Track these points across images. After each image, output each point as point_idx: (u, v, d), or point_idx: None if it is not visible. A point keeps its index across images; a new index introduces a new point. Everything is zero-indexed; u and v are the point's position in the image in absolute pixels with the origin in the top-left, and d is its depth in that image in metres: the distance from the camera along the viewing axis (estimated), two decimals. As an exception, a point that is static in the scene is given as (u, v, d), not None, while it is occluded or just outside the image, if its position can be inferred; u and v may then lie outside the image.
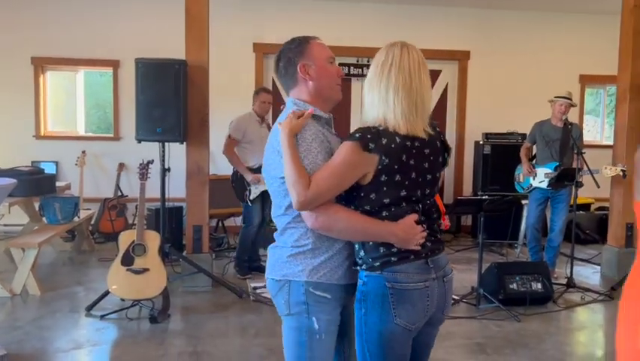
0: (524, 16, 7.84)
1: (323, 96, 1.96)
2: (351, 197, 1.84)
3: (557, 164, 5.40)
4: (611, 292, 4.99)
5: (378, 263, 1.81)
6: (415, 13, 7.64)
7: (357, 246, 1.87)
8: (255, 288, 5.09)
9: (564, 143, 5.41)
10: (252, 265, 5.63)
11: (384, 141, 1.75)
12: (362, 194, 1.81)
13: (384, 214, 1.81)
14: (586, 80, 8.05)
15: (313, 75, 1.93)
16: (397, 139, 1.77)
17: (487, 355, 3.82)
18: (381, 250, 1.81)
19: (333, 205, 1.81)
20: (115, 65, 7.31)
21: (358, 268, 1.87)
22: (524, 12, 7.81)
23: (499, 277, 4.71)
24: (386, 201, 1.80)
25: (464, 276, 5.48)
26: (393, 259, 1.80)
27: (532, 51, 7.87)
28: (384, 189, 1.78)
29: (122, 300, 4.37)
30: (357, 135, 1.76)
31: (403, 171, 1.78)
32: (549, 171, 5.43)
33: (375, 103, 1.82)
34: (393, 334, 1.80)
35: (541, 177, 5.53)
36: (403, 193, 1.81)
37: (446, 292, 1.89)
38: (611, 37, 5.88)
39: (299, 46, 1.98)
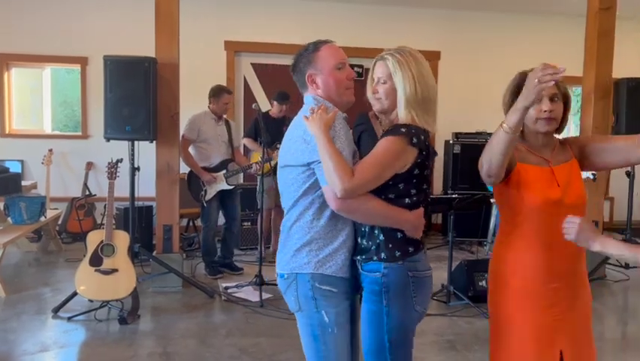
0: (493, 17, 7.95)
1: (332, 102, 2.04)
2: (382, 184, 1.95)
3: None
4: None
5: (399, 253, 1.93)
6: (386, 14, 7.69)
7: (377, 235, 1.94)
8: (226, 288, 5.06)
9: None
10: (225, 262, 5.61)
11: (422, 138, 1.93)
12: (391, 182, 1.92)
13: (406, 201, 1.95)
14: (553, 81, 8.19)
15: (320, 84, 2.04)
16: (424, 137, 1.95)
17: (457, 351, 3.87)
18: (399, 236, 1.94)
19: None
20: (83, 62, 7.18)
21: (374, 259, 1.93)
22: (493, 13, 7.93)
23: (469, 274, 4.78)
24: (412, 191, 1.96)
25: (434, 273, 5.47)
26: (410, 249, 1.95)
27: (501, 52, 7.98)
28: (414, 181, 1.95)
29: (91, 301, 4.30)
30: (402, 130, 1.91)
31: (428, 167, 1.99)
32: None
33: (410, 104, 1.96)
34: (413, 320, 1.98)
35: None
36: (424, 186, 1.99)
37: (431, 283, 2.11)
38: (577, 39, 6.01)
39: (309, 54, 2.07)
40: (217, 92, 5.51)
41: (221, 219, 5.77)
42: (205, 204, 5.40)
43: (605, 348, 4.02)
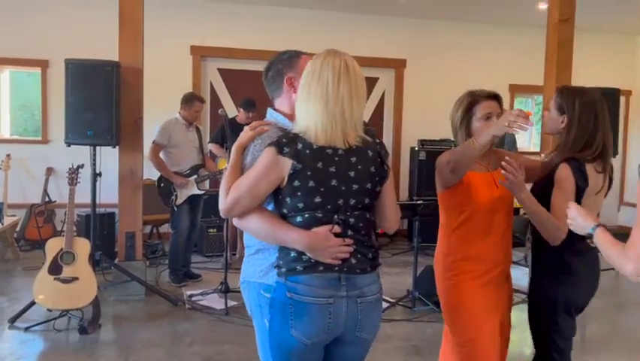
0: (457, 27, 8.09)
1: None
2: (275, 199, 1.87)
3: None
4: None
5: (284, 269, 1.82)
6: (353, 21, 7.74)
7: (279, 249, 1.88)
8: (190, 296, 4.99)
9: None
10: (183, 270, 5.53)
11: (299, 146, 1.77)
12: (280, 197, 1.83)
13: (298, 220, 1.80)
14: (515, 90, 8.40)
15: (297, 88, 1.93)
16: (314, 146, 1.78)
17: (422, 356, 3.90)
18: (292, 254, 1.81)
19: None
20: (43, 65, 7.01)
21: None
22: (457, 23, 8.07)
23: (434, 279, 4.80)
24: (300, 205, 1.79)
25: (400, 279, 5.58)
26: (298, 267, 1.79)
27: (465, 60, 8.13)
28: (298, 194, 1.78)
29: (49, 310, 4.18)
30: (274, 140, 1.81)
31: (318, 178, 1.77)
32: None
33: (300, 113, 1.83)
34: (291, 345, 1.80)
35: None
36: (318, 200, 1.78)
37: (359, 313, 1.82)
38: (539, 49, 6.16)
39: (289, 59, 2.03)
40: (189, 100, 5.49)
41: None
42: (175, 209, 5.34)
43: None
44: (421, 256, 5.89)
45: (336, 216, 1.80)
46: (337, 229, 1.79)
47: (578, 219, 1.87)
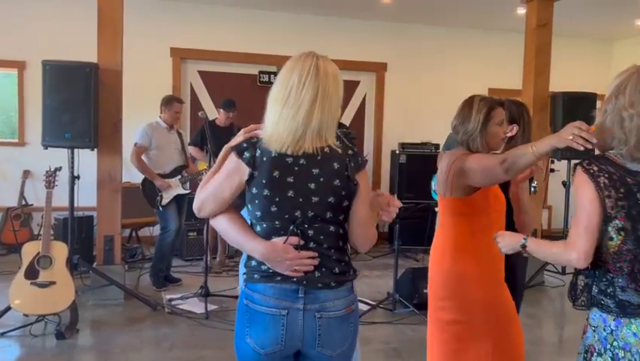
0: (438, 31, 8.15)
1: None
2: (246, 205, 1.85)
3: None
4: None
5: (246, 277, 1.80)
6: (333, 25, 7.76)
7: None
8: (170, 300, 4.94)
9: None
10: (164, 274, 5.48)
11: (257, 153, 1.72)
12: (245, 203, 1.81)
13: (257, 229, 1.78)
14: (494, 94, 8.32)
15: None
16: (273, 154, 1.71)
17: (402, 359, 3.91)
18: (253, 263, 1.78)
19: (225, 210, 1.82)
20: (20, 66, 6.89)
21: None
22: (438, 27, 8.13)
23: (414, 282, 4.85)
24: (258, 214, 1.76)
25: (380, 282, 5.59)
26: (256, 276, 1.76)
27: (445, 64, 8.20)
28: (256, 201, 1.75)
29: (26, 316, 4.10)
30: (237, 143, 1.77)
31: (273, 187, 1.71)
32: None
33: (266, 118, 1.77)
34: (246, 353, 1.77)
35: None
36: (274, 209, 1.73)
37: (319, 328, 1.74)
38: (517, 53, 6.24)
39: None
40: (168, 101, 5.47)
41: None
42: (162, 209, 5.29)
43: (544, 352, 4.16)
44: (402, 258, 5.92)
45: (291, 227, 1.72)
46: (295, 240, 1.72)
47: (504, 242, 1.99)
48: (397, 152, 7.48)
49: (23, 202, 6.74)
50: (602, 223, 1.68)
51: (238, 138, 1.85)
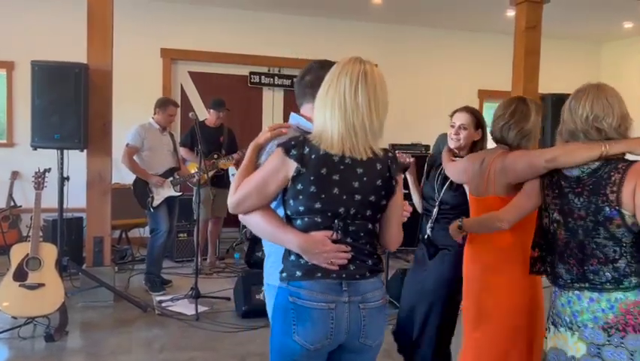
0: (428, 33, 8.19)
1: None
2: (282, 201, 1.87)
3: None
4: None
5: (285, 274, 1.82)
6: (325, 26, 7.77)
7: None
8: (160, 301, 4.92)
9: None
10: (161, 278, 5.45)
11: (306, 150, 1.76)
12: (285, 198, 1.83)
13: (297, 222, 1.81)
14: (484, 95, 8.53)
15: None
16: (321, 152, 1.76)
17: (393, 359, 3.91)
18: (292, 258, 1.82)
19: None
20: (9, 66, 6.85)
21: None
22: (428, 29, 8.17)
23: (404, 282, 4.85)
24: (301, 209, 1.80)
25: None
26: (298, 273, 1.79)
27: (436, 66, 8.24)
28: (300, 197, 1.78)
29: (14, 318, 4.07)
30: (283, 141, 1.81)
31: (320, 184, 1.77)
32: None
33: (316, 119, 1.83)
34: (293, 350, 1.78)
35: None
36: (318, 206, 1.78)
37: (362, 319, 1.81)
38: (507, 55, 6.28)
39: (330, 69, 1.93)
40: (163, 104, 5.44)
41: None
42: (153, 210, 5.25)
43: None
44: (392, 259, 5.93)
45: (336, 222, 1.79)
46: (335, 235, 1.78)
47: (451, 230, 2.54)
48: (388, 153, 7.50)
49: (12, 203, 6.68)
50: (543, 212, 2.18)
51: (264, 135, 1.93)
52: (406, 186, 2.43)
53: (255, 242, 5.90)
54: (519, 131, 2.48)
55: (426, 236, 2.98)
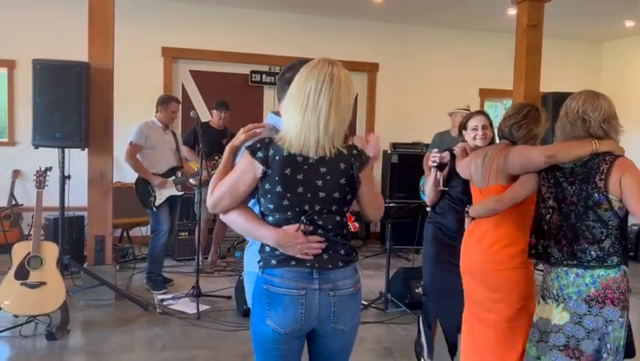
0: (429, 31, 8.18)
1: None
2: (256, 199, 1.99)
3: None
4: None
5: (261, 263, 1.96)
6: (325, 25, 7.77)
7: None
8: (161, 300, 4.93)
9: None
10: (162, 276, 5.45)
11: (270, 152, 1.88)
12: (257, 196, 1.96)
13: (270, 219, 1.94)
14: (485, 94, 8.53)
15: None
16: (285, 153, 1.87)
17: (394, 358, 3.92)
18: (267, 249, 1.95)
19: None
20: (10, 65, 6.85)
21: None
22: (430, 28, 8.16)
23: (406, 282, 4.86)
24: (271, 206, 1.93)
25: (373, 282, 5.59)
26: (273, 261, 1.93)
27: (437, 65, 8.23)
28: (269, 196, 1.91)
29: (16, 316, 4.08)
30: (249, 143, 1.94)
31: (285, 184, 1.88)
32: None
33: (283, 120, 1.94)
34: (265, 334, 1.91)
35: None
36: (285, 203, 1.90)
37: (333, 306, 1.92)
38: (508, 53, 6.27)
39: None
40: (165, 101, 5.42)
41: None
42: (155, 210, 5.25)
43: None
44: (394, 258, 5.93)
45: (302, 218, 1.90)
46: (304, 227, 1.90)
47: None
48: (389, 152, 7.50)
49: (13, 202, 6.69)
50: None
51: (239, 137, 2.03)
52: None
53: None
54: (528, 132, 2.73)
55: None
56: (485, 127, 3.37)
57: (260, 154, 1.87)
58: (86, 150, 4.85)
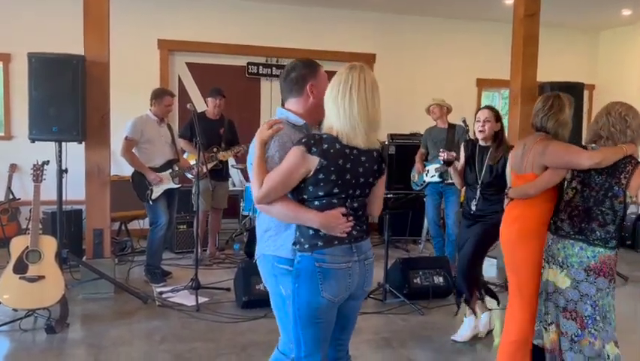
0: (426, 21, 8.16)
1: (314, 113, 2.37)
2: (295, 188, 2.21)
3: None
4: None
5: (307, 245, 2.21)
6: (322, 16, 7.73)
7: (296, 230, 2.27)
8: (160, 293, 4.94)
9: (449, 142, 5.75)
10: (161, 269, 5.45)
11: (324, 146, 2.14)
12: (302, 185, 2.20)
13: (315, 203, 2.20)
14: (482, 84, 8.51)
15: (316, 95, 2.33)
16: (337, 145, 2.16)
17: (393, 348, 3.94)
18: (310, 232, 2.20)
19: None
20: (5, 58, 6.82)
21: (296, 248, 2.25)
22: (426, 18, 8.14)
23: (404, 272, 4.88)
24: (320, 193, 2.20)
25: (371, 273, 5.61)
26: (319, 243, 2.20)
27: (434, 55, 8.21)
28: (321, 184, 2.18)
29: (15, 310, 4.08)
30: (303, 140, 2.16)
31: (338, 172, 2.17)
32: (438, 165, 5.71)
33: (331, 115, 2.20)
34: (320, 305, 2.21)
35: (432, 173, 5.84)
36: (335, 190, 2.19)
37: (366, 272, 2.30)
38: (505, 43, 6.25)
39: (313, 68, 2.39)
40: (159, 95, 5.40)
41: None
42: (151, 203, 5.25)
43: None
44: (392, 249, 5.94)
45: (348, 202, 2.23)
46: (344, 211, 2.22)
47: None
48: (386, 143, 7.49)
49: (10, 196, 6.69)
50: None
51: (266, 132, 2.23)
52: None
53: (255, 233, 5.90)
54: (556, 121, 3.02)
55: (471, 212, 4.00)
56: (486, 120, 3.88)
57: (315, 149, 2.13)
58: (83, 143, 4.84)
